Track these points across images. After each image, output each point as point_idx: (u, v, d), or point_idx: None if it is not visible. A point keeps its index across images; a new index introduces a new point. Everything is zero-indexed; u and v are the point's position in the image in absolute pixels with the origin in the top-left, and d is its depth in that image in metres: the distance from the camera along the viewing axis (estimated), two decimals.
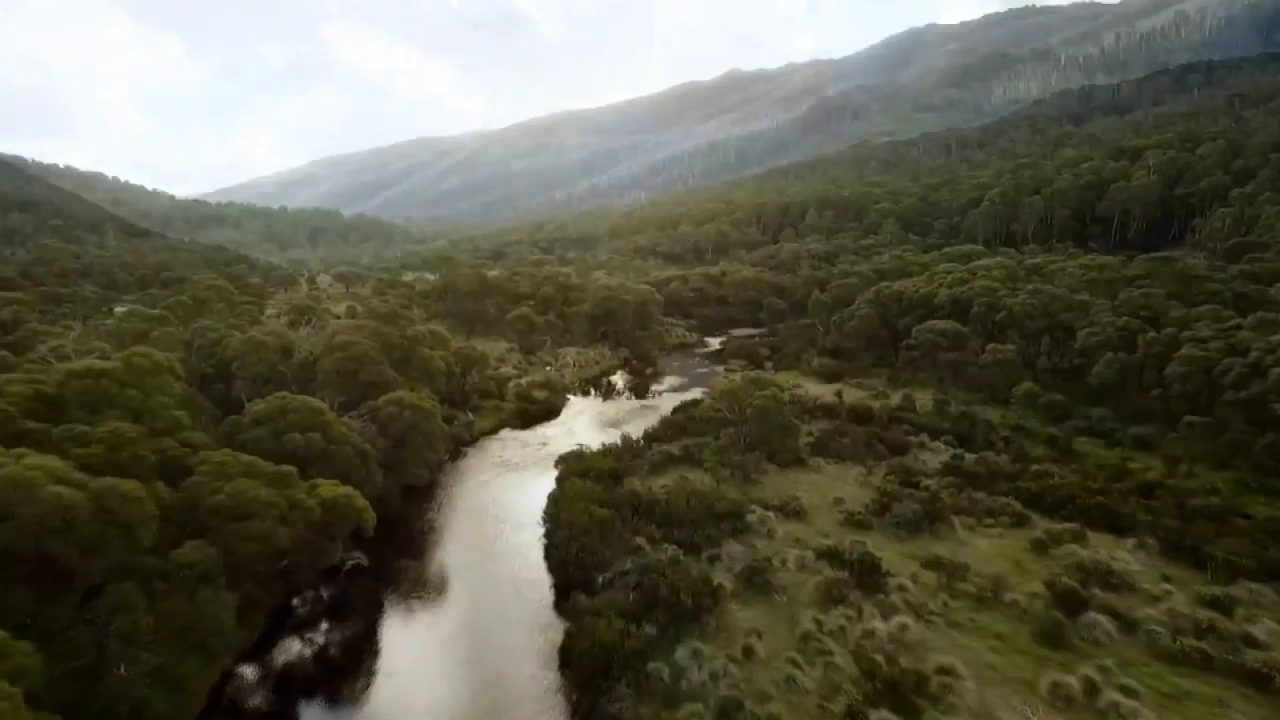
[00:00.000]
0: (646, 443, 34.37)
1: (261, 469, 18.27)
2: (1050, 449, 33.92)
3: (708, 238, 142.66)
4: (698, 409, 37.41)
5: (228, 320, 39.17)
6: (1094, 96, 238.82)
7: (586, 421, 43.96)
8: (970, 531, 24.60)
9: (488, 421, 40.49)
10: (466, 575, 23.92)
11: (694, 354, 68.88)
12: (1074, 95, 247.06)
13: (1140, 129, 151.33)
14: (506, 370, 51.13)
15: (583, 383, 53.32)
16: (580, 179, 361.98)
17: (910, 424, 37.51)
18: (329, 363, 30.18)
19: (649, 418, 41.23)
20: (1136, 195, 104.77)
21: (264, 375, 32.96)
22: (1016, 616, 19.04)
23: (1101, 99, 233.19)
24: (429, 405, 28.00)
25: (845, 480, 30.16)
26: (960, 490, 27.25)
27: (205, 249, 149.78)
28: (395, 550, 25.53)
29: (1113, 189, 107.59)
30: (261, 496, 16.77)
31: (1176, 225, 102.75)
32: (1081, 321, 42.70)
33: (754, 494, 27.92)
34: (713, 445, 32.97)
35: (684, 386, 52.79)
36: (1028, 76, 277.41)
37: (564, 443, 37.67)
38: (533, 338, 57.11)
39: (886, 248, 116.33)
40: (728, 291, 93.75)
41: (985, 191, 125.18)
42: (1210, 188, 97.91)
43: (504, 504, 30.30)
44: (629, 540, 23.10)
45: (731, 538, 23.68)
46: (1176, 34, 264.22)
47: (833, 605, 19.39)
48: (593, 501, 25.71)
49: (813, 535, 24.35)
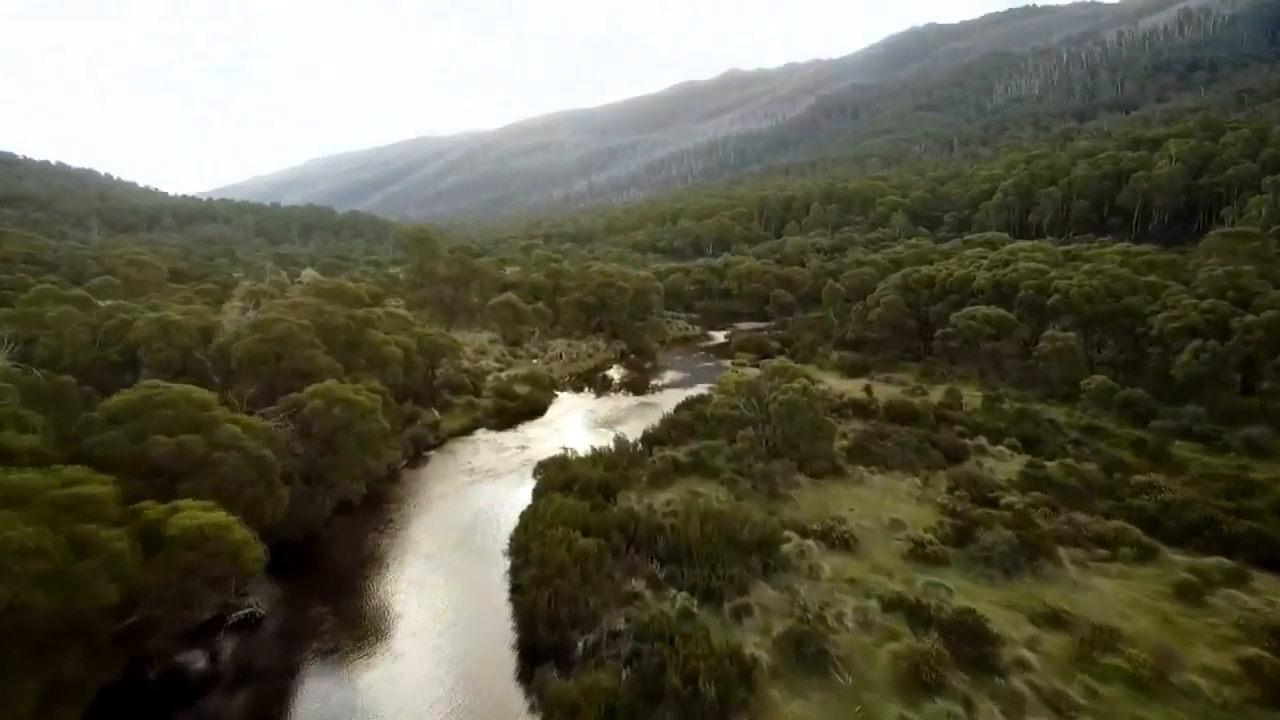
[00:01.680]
0: (646, 446, 27.80)
1: (42, 492, 11.69)
2: (1138, 455, 27.44)
3: (708, 232, 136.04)
4: (707, 406, 30.80)
5: (151, 301, 32.71)
6: (1097, 93, 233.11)
7: (577, 420, 37.42)
8: (1082, 568, 18.07)
9: (458, 420, 33.85)
10: (402, 630, 17.30)
11: (697, 348, 62.30)
12: (1077, 92, 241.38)
13: (1150, 124, 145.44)
14: (487, 363, 44.57)
15: (574, 377, 46.73)
16: (579, 178, 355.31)
17: (961, 424, 30.98)
18: (243, 346, 23.62)
19: (649, 417, 34.67)
20: (1159, 185, 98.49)
21: (175, 364, 26.35)
22: (1202, 715, 12.55)
23: (1105, 96, 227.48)
24: (367, 400, 21.38)
25: (897, 494, 23.62)
26: (1054, 510, 20.73)
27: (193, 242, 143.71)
28: (311, 591, 18.93)
29: (1134, 178, 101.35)
30: (13, 540, 10.19)
31: (1202, 215, 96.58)
32: (1150, 306, 36.23)
33: (785, 514, 21.36)
34: (727, 450, 26.44)
35: (687, 382, 46.24)
36: (1029, 74, 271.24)
37: (548, 445, 31.08)
38: (519, 328, 50.48)
39: (896, 240, 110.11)
40: (731, 284, 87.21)
41: (997, 183, 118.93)
42: (1238, 175, 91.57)
43: (467, 524, 23.69)
44: (622, 584, 16.56)
45: (762, 578, 17.11)
46: (1180, 32, 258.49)
47: (924, 693, 12.86)
48: (575, 525, 19.16)
49: (870, 574, 17.81)
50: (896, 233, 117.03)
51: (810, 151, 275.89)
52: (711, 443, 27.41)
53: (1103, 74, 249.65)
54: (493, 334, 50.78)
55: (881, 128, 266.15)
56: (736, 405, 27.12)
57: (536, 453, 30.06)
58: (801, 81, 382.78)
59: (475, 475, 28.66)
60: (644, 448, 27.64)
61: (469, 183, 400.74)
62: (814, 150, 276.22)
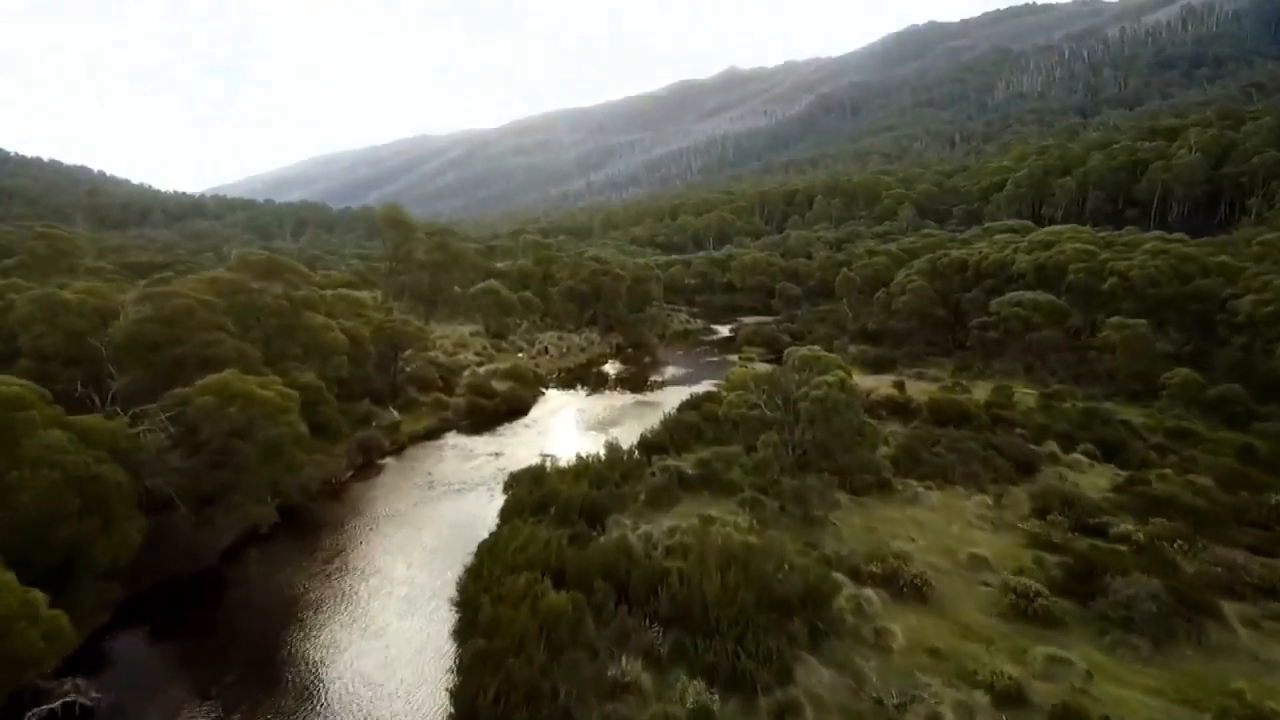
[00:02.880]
0: (643, 454, 22.45)
1: None
2: (1246, 463, 22.17)
3: (709, 227, 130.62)
4: (718, 405, 25.42)
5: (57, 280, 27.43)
6: (1101, 90, 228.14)
7: (564, 421, 32.07)
8: (1255, 631, 12.79)
9: (423, 422, 28.41)
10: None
11: (699, 342, 56.99)
12: (1080, 89, 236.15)
13: (1158, 118, 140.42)
14: (466, 357, 39.22)
15: (564, 373, 41.40)
16: (577, 176, 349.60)
17: (1020, 426, 25.69)
18: (123, 327, 18.31)
19: (647, 418, 29.35)
20: (1180, 175, 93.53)
21: (60, 351, 20.95)
22: None
23: (1109, 92, 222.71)
24: (276, 397, 16.03)
25: (964, 517, 18.31)
26: (1188, 543, 15.44)
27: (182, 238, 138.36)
28: (181, 659, 13.57)
29: (1152, 169, 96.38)
30: None
31: (1225, 206, 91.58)
32: (1228, 290, 30.98)
33: (827, 545, 16.04)
34: (745, 460, 21.12)
35: (690, 379, 40.96)
36: (1031, 71, 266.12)
37: (526, 452, 25.75)
38: (504, 319, 45.08)
39: (903, 233, 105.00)
40: (734, 277, 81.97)
41: (1008, 175, 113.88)
42: (1263, 165, 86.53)
43: (416, 556, 18.36)
44: (607, 664, 11.27)
45: (811, 651, 11.86)
46: (1183, 28, 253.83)
47: None
48: (546, 567, 13.83)
49: (961, 641, 12.52)
50: (904, 225, 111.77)
51: (810, 149, 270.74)
52: (724, 449, 22.09)
53: (1105, 71, 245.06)
54: (476, 326, 45.41)
55: (882, 125, 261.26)
56: (756, 404, 21.76)
57: (513, 460, 24.71)
58: (801, 80, 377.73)
59: (436, 489, 23.24)
60: (641, 455, 22.27)
61: (467, 181, 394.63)
62: (814, 147, 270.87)
